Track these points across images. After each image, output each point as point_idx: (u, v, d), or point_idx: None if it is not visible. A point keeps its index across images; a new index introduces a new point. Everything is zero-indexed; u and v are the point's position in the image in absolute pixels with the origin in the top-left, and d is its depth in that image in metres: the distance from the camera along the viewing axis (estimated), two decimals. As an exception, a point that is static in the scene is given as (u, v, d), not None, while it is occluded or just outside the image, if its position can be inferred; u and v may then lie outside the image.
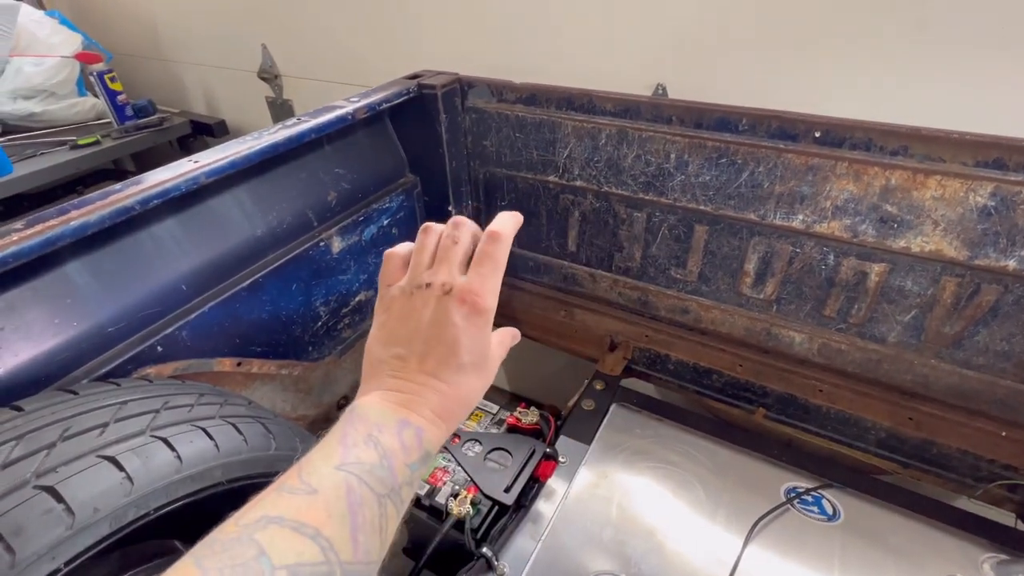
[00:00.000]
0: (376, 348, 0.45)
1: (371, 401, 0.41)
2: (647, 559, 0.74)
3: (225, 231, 0.82)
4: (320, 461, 0.37)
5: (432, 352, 0.42)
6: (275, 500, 0.34)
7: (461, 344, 0.42)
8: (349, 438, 0.38)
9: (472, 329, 0.43)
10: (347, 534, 0.34)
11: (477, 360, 0.44)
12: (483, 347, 0.44)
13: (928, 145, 0.73)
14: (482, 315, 0.43)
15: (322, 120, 0.88)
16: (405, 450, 0.39)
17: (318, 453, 0.37)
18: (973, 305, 0.79)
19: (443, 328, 0.42)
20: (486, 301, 0.43)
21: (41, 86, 1.82)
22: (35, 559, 0.43)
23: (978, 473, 0.88)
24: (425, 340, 0.43)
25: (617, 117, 0.93)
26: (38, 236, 0.58)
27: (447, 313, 0.42)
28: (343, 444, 0.38)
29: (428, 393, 0.42)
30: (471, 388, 0.44)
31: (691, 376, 1.08)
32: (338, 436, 0.38)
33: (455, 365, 0.42)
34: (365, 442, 0.38)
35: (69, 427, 0.51)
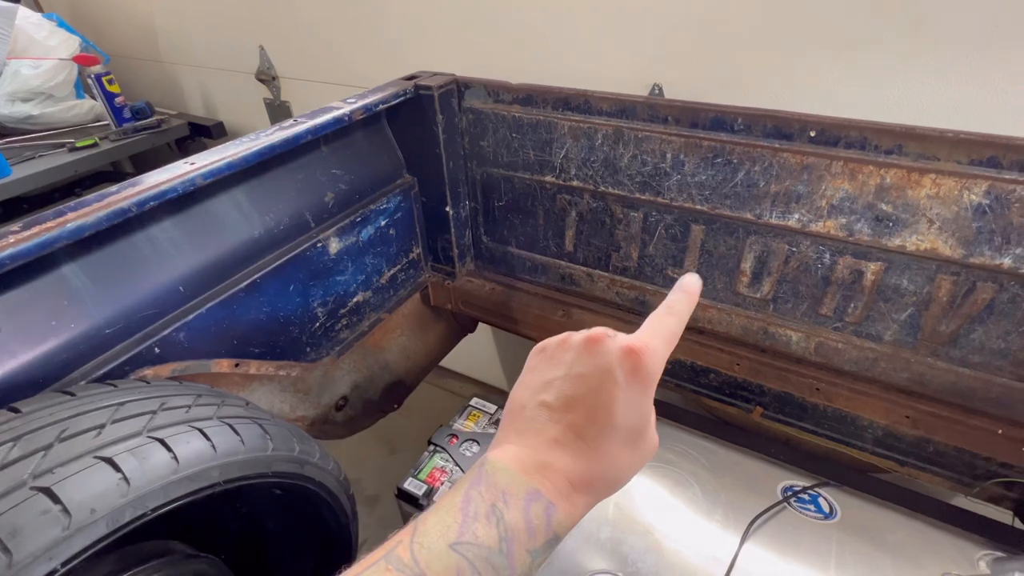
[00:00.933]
0: (520, 392, 0.40)
1: (503, 459, 0.36)
2: (644, 558, 0.74)
3: (222, 232, 0.82)
4: (435, 530, 0.33)
5: (583, 402, 0.36)
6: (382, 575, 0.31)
7: (617, 400, 0.36)
8: (472, 505, 0.34)
9: (632, 387, 0.36)
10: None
11: (634, 428, 0.37)
12: (642, 414, 0.37)
13: (923, 144, 0.73)
14: (647, 376, 0.36)
15: (319, 121, 0.88)
16: (530, 532, 0.34)
17: (435, 517, 0.34)
18: (969, 303, 0.80)
19: (600, 377, 0.36)
20: (655, 355, 0.37)
21: (39, 88, 1.83)
22: (32, 560, 0.43)
23: (975, 471, 0.88)
24: (576, 385, 0.37)
25: (613, 117, 0.93)
26: (35, 238, 0.58)
27: (607, 361, 0.36)
28: (464, 512, 0.33)
29: (568, 456, 0.36)
30: (620, 461, 0.37)
31: (688, 375, 1.08)
32: (460, 499, 0.34)
33: (607, 426, 0.36)
34: (488, 516, 0.33)
35: (66, 428, 0.52)
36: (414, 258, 1.20)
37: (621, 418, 0.36)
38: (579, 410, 0.36)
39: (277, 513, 0.82)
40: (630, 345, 0.36)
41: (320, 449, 0.73)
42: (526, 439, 0.37)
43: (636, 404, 0.36)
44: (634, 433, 0.37)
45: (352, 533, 0.82)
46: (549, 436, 0.36)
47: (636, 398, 0.36)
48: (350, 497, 0.80)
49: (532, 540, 0.34)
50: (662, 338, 0.38)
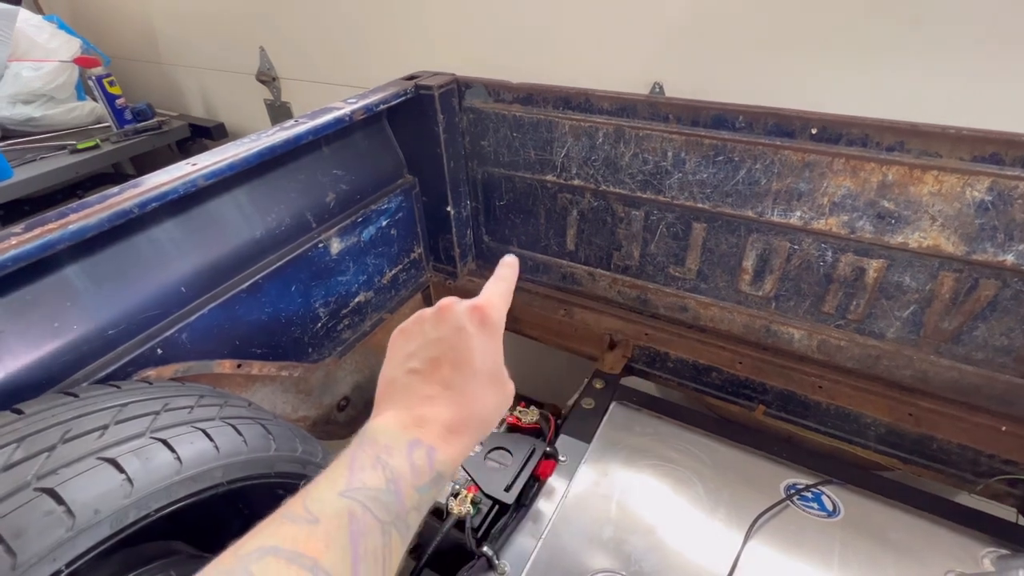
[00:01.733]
0: (388, 370, 0.45)
1: (381, 422, 0.40)
2: (647, 557, 0.74)
3: (224, 233, 0.82)
4: (325, 487, 0.36)
5: (445, 358, 0.42)
6: (275, 529, 0.33)
7: (473, 349, 0.42)
8: (357, 462, 0.37)
9: (484, 337, 0.42)
10: (347, 565, 0.32)
11: (492, 370, 0.43)
12: (496, 358, 0.44)
13: (925, 140, 0.73)
14: (494, 326, 0.43)
15: (320, 122, 0.88)
16: (415, 472, 0.37)
17: (324, 478, 0.36)
18: (971, 300, 0.79)
19: (456, 334, 0.42)
20: (497, 310, 0.44)
21: (40, 90, 1.83)
22: (36, 561, 0.43)
23: (978, 468, 0.88)
24: (437, 347, 0.42)
25: (614, 116, 0.93)
26: (37, 240, 0.58)
27: (459, 320, 0.42)
28: (350, 468, 0.37)
29: (441, 406, 0.40)
30: (487, 401, 0.43)
31: (691, 374, 1.08)
32: (347, 460, 0.37)
33: (469, 372, 0.42)
34: (373, 466, 0.37)
35: (69, 429, 0.52)
36: (415, 258, 1.20)
37: (480, 363, 0.42)
38: (444, 366, 0.42)
39: (280, 513, 0.82)
40: (474, 304, 0.43)
41: (323, 449, 0.73)
42: (401, 403, 0.41)
43: (490, 351, 0.43)
44: (493, 376, 0.43)
45: (355, 533, 0.82)
46: (422, 394, 0.41)
47: (489, 345, 0.43)
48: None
49: (418, 478, 0.37)
50: (499, 296, 0.46)
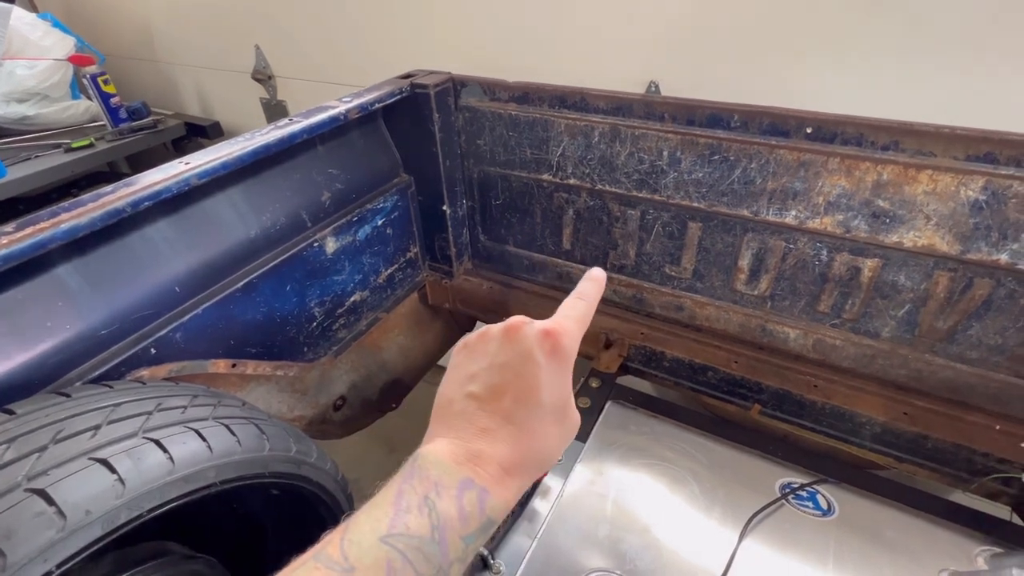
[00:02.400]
0: (446, 388, 0.41)
1: (434, 452, 0.37)
2: (643, 555, 0.74)
3: (218, 232, 0.82)
4: (367, 526, 0.33)
5: (509, 388, 0.38)
6: (310, 574, 0.31)
7: (541, 381, 0.38)
8: (404, 499, 0.34)
9: (554, 367, 0.39)
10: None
11: (558, 405, 0.39)
12: (564, 391, 0.40)
13: (919, 140, 0.73)
14: (565, 355, 0.40)
15: (314, 120, 0.87)
16: (463, 519, 0.34)
17: (366, 515, 0.34)
18: (966, 299, 0.80)
19: (522, 362, 0.39)
20: (571, 336, 0.40)
21: (34, 89, 1.82)
22: (26, 562, 0.43)
23: (973, 467, 0.88)
24: (501, 373, 0.39)
25: (610, 115, 0.93)
26: (29, 239, 0.58)
27: (527, 346, 0.39)
28: (395, 506, 0.34)
29: (499, 442, 0.37)
30: (549, 439, 0.39)
31: (686, 373, 1.08)
32: (393, 495, 0.34)
33: (534, 404, 0.38)
34: (419, 507, 0.34)
35: (61, 430, 0.51)
36: (411, 257, 1.20)
37: (546, 396, 0.38)
38: (506, 396, 0.38)
39: (274, 513, 0.82)
40: (546, 328, 0.39)
41: (317, 449, 0.73)
42: (456, 431, 0.38)
43: (558, 382, 0.39)
44: (559, 410, 0.39)
45: (350, 533, 0.82)
46: (479, 425, 0.38)
47: (557, 377, 0.39)
48: (348, 496, 0.80)
49: (465, 526, 0.35)
50: (575, 320, 0.42)
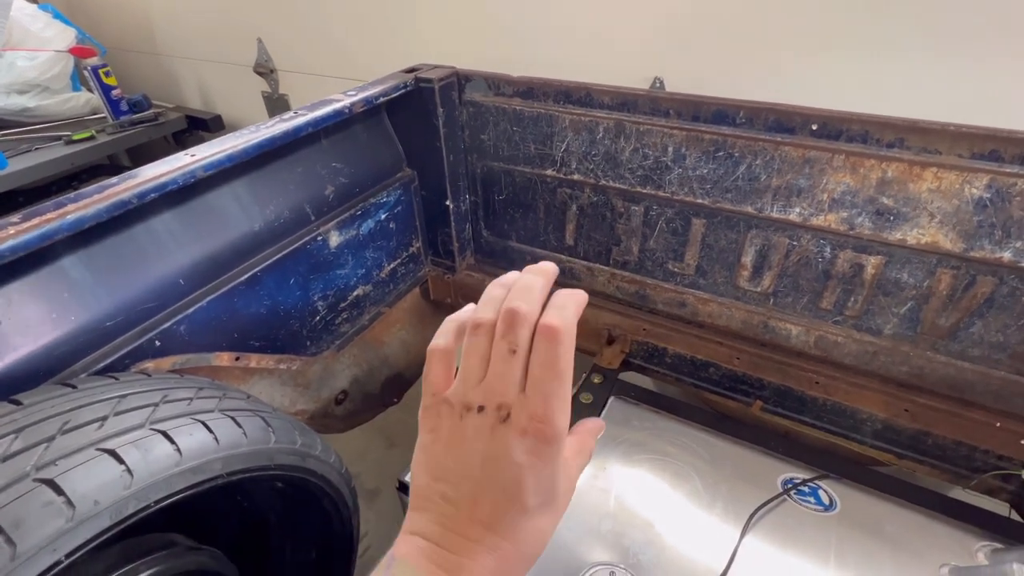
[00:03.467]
0: (421, 477, 0.37)
1: (413, 559, 0.33)
2: (645, 550, 0.74)
3: (222, 225, 0.82)
4: None
5: (486, 497, 0.34)
6: None
7: (524, 486, 0.33)
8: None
9: (538, 464, 0.33)
10: None
11: (547, 500, 0.35)
12: (552, 483, 0.35)
13: (925, 137, 0.73)
14: (551, 444, 0.33)
15: (319, 114, 0.87)
16: None
17: None
18: (968, 297, 0.80)
19: (501, 468, 0.33)
20: (555, 426, 0.33)
21: (35, 81, 1.81)
22: (36, 551, 0.43)
23: (972, 463, 0.88)
24: (478, 482, 0.34)
25: (615, 110, 0.93)
26: (35, 230, 0.58)
27: (505, 448, 0.33)
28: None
29: (481, 554, 0.33)
30: (537, 534, 0.35)
31: (688, 369, 1.08)
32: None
33: (516, 512, 0.34)
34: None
35: (68, 420, 0.51)
36: (414, 252, 1.20)
37: (532, 500, 0.34)
38: (484, 505, 0.34)
39: (278, 506, 0.82)
40: (527, 427, 0.33)
41: (322, 442, 0.73)
42: (435, 533, 0.34)
43: (544, 477, 0.34)
44: (547, 505, 0.35)
45: (354, 526, 0.83)
46: (459, 533, 0.34)
47: (542, 469, 0.34)
48: (352, 490, 0.80)
49: None
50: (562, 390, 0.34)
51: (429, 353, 0.38)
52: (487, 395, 0.34)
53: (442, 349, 0.38)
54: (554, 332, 0.33)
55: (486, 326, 0.35)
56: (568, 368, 0.33)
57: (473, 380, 0.35)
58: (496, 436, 0.33)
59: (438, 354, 0.37)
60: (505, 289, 0.37)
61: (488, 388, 0.34)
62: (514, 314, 0.34)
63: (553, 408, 0.33)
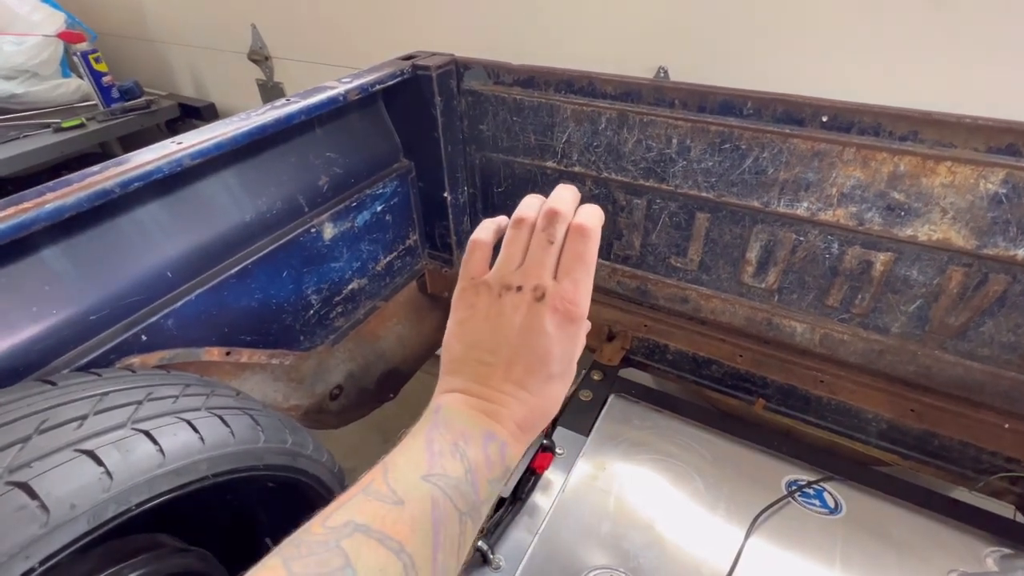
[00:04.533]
0: (457, 346, 0.43)
1: (456, 405, 0.40)
2: (646, 553, 0.72)
3: (212, 216, 0.79)
4: (406, 466, 0.36)
5: (520, 361, 0.40)
6: (362, 505, 0.33)
7: (552, 354, 0.40)
8: (436, 445, 0.37)
9: (564, 338, 0.40)
10: (429, 552, 0.33)
11: (566, 369, 0.42)
12: (573, 356, 0.42)
13: (939, 130, 0.71)
14: (576, 323, 0.41)
15: (313, 101, 0.84)
16: (489, 465, 0.38)
17: (403, 457, 0.37)
18: (980, 295, 0.78)
19: (535, 337, 0.40)
20: (581, 308, 0.41)
21: (23, 66, 1.77)
22: (7, 559, 0.41)
23: (979, 465, 0.87)
24: (514, 348, 0.40)
25: (618, 100, 0.90)
26: (10, 219, 0.55)
27: (540, 321, 0.40)
28: (429, 451, 0.36)
29: (513, 404, 0.40)
30: (555, 396, 0.42)
31: (690, 366, 1.06)
32: (423, 440, 0.37)
33: (544, 375, 0.40)
34: (452, 452, 0.37)
35: (45, 420, 0.49)
36: (411, 245, 1.17)
37: (557, 367, 0.40)
38: (517, 367, 0.40)
39: (269, 505, 0.80)
40: (557, 302, 0.40)
41: (313, 441, 0.71)
42: (472, 388, 0.40)
43: (569, 350, 0.41)
44: (566, 372, 0.42)
45: (347, 525, 0.80)
46: (494, 388, 0.40)
47: (568, 344, 0.41)
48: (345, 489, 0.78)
49: (491, 471, 0.38)
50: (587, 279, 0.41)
51: (471, 243, 0.45)
52: (525, 277, 0.41)
53: (483, 241, 0.45)
54: (586, 230, 0.40)
55: (528, 222, 0.42)
56: (593, 263, 0.41)
57: (513, 265, 0.42)
58: (532, 311, 0.40)
59: (480, 244, 0.44)
60: (540, 200, 0.44)
61: (526, 272, 0.41)
62: (555, 212, 0.41)
63: (581, 292, 0.40)
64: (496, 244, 0.45)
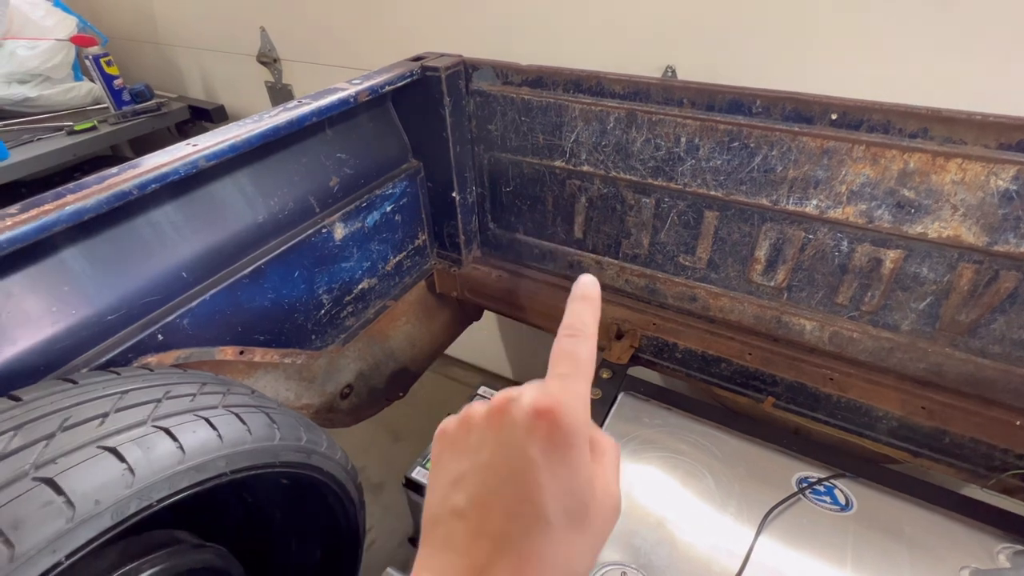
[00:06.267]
0: (430, 496, 0.32)
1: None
2: (657, 550, 0.73)
3: (225, 217, 0.80)
4: None
5: (496, 501, 0.28)
6: None
7: (539, 486, 0.27)
8: None
9: (555, 459, 0.28)
10: None
11: (572, 507, 0.28)
12: (579, 485, 0.28)
13: (949, 127, 0.71)
14: (568, 438, 0.28)
15: (324, 103, 0.85)
16: None
17: None
18: (991, 292, 0.78)
19: (510, 463, 0.28)
20: (571, 413, 0.28)
21: (36, 70, 1.79)
22: (35, 552, 0.42)
23: (991, 462, 0.86)
24: (486, 478, 0.29)
25: (626, 100, 0.90)
26: (33, 221, 0.56)
27: (514, 438, 0.29)
28: None
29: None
30: (572, 556, 0.28)
31: (699, 364, 1.06)
32: None
33: (532, 521, 0.27)
34: None
35: (69, 417, 0.50)
36: (420, 244, 1.18)
37: (550, 503, 0.27)
38: (495, 512, 0.28)
39: (283, 502, 0.81)
40: (537, 408, 0.28)
41: (327, 438, 0.72)
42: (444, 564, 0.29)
43: (566, 477, 0.28)
44: (575, 513, 0.28)
45: (359, 521, 0.81)
46: (470, 562, 0.28)
47: (564, 470, 0.28)
48: (357, 486, 0.79)
49: None
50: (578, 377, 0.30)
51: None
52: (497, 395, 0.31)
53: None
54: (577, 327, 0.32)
55: None
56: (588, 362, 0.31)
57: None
58: (504, 422, 0.30)
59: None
60: None
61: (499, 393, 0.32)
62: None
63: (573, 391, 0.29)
64: None
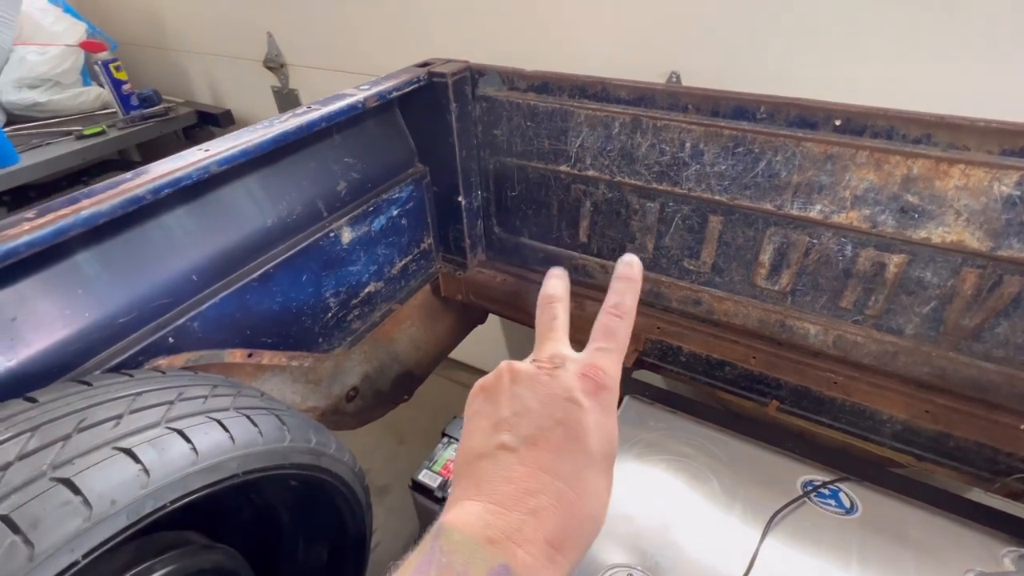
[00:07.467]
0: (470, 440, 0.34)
1: (461, 525, 0.29)
2: (663, 553, 0.73)
3: (235, 221, 0.81)
4: None
5: (549, 436, 0.31)
6: None
7: (587, 425, 0.32)
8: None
9: (599, 409, 0.33)
10: None
11: (608, 453, 0.33)
12: (613, 438, 0.33)
13: (953, 133, 0.71)
14: (609, 395, 0.34)
15: (333, 108, 0.86)
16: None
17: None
18: (994, 297, 0.78)
19: (562, 404, 0.32)
20: (613, 380, 0.34)
21: (46, 75, 1.81)
22: (54, 551, 0.42)
23: (995, 466, 0.87)
24: (537, 419, 0.32)
25: (631, 105, 0.91)
26: (49, 226, 0.57)
27: (566, 386, 0.33)
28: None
29: (545, 508, 0.29)
30: (597, 492, 0.31)
31: (703, 368, 1.07)
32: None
33: (581, 454, 0.31)
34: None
35: (84, 418, 0.51)
36: (425, 248, 1.19)
37: (595, 444, 0.32)
38: (546, 446, 0.31)
39: (292, 504, 0.81)
40: (584, 369, 0.34)
41: (336, 440, 0.72)
42: (489, 492, 0.30)
43: (607, 429, 0.33)
44: (608, 459, 0.33)
45: (366, 523, 0.82)
46: (519, 485, 0.30)
47: (605, 421, 0.33)
48: (365, 488, 0.79)
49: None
50: (616, 352, 0.35)
51: None
52: (539, 351, 0.37)
53: None
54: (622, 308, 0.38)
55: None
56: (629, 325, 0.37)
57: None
58: (556, 374, 0.34)
59: None
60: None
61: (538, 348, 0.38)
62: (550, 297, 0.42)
63: (612, 362, 0.35)
64: None
